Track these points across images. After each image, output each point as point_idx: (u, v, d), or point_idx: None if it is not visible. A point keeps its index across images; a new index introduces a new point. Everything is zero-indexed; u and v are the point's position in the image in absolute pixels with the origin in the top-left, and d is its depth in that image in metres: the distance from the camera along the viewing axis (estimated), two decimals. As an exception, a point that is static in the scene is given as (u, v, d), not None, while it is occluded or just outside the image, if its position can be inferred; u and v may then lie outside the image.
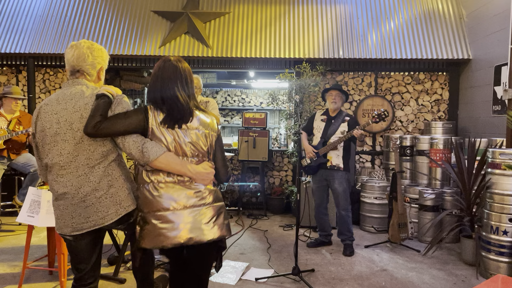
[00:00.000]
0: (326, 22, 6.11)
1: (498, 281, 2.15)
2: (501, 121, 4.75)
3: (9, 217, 5.33)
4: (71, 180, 1.96)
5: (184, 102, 2.00)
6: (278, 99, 6.13)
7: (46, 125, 1.99)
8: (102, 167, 1.97)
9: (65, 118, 1.96)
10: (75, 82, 2.06)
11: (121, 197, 1.99)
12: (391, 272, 3.77)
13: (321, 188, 4.38)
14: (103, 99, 1.95)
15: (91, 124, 1.89)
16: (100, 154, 1.97)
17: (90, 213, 1.96)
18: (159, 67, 2.05)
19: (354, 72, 6.18)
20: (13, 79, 6.27)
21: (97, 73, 2.14)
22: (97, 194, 1.95)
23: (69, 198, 1.96)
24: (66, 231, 1.99)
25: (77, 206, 1.96)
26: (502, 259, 3.50)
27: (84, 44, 2.07)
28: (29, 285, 3.34)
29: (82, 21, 6.16)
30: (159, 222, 1.92)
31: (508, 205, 3.48)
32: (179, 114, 1.98)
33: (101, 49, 2.14)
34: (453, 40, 5.81)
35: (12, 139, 4.89)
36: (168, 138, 1.96)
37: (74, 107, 1.96)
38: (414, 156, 5.40)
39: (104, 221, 1.97)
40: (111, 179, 1.99)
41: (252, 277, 3.56)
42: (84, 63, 2.05)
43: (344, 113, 4.37)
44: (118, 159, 2.04)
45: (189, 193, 1.97)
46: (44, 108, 2.02)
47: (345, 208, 4.26)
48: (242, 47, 5.94)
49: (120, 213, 1.98)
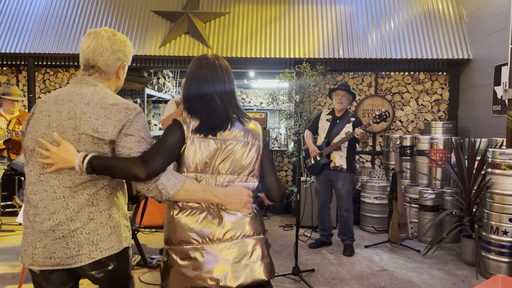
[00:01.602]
0: (326, 22, 6.11)
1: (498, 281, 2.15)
2: (501, 121, 4.75)
3: (9, 217, 5.33)
4: (45, 201, 1.53)
5: (222, 106, 1.66)
6: (278, 99, 6.13)
7: (36, 126, 1.58)
8: (87, 194, 1.54)
9: (56, 124, 1.54)
10: (84, 80, 1.63)
11: (100, 236, 1.54)
12: (391, 272, 3.77)
13: (324, 188, 4.37)
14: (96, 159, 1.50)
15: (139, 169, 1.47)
16: (87, 177, 1.53)
17: (56, 248, 1.52)
18: (196, 66, 1.70)
19: (354, 72, 6.18)
20: (13, 79, 6.28)
21: (117, 71, 1.68)
22: (71, 226, 1.51)
23: (38, 222, 1.53)
24: (25, 261, 1.56)
25: (43, 235, 1.52)
26: (502, 259, 3.50)
27: (105, 33, 1.63)
28: (29, 285, 3.33)
29: (82, 21, 6.16)
30: (181, 259, 1.56)
31: (508, 205, 3.48)
32: (216, 120, 1.64)
33: (124, 42, 1.68)
34: (453, 40, 5.81)
35: (12, 139, 4.89)
36: (204, 152, 1.61)
37: (69, 112, 1.54)
38: (414, 156, 5.40)
39: (71, 261, 1.52)
40: (94, 211, 1.54)
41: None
42: (101, 57, 1.62)
43: (350, 113, 4.33)
44: (111, 188, 1.60)
45: (222, 222, 1.59)
46: (40, 106, 1.61)
47: (347, 209, 4.25)
48: (242, 47, 5.94)
49: (93, 257, 1.53)
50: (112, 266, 1.59)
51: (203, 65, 1.69)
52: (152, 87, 7.47)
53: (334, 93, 4.33)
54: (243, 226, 1.63)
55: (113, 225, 1.58)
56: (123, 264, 1.64)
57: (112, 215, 1.59)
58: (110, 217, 1.58)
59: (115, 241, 1.58)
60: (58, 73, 6.28)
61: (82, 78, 1.64)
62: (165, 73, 8.27)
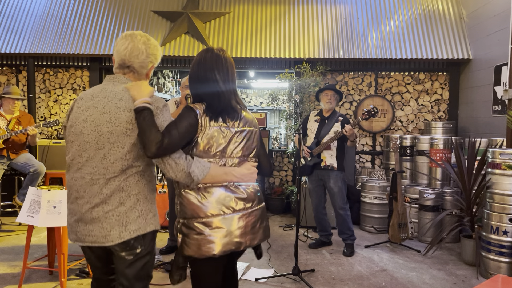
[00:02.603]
0: (326, 22, 6.11)
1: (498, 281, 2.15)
2: (501, 121, 4.75)
3: (9, 217, 5.33)
4: (84, 186, 1.76)
5: (227, 94, 1.90)
6: (278, 99, 6.13)
7: (75, 121, 1.79)
8: (118, 180, 1.74)
9: (92, 118, 1.76)
10: (117, 79, 1.84)
11: (129, 218, 1.75)
12: (391, 272, 3.77)
13: (317, 188, 4.40)
14: (147, 112, 1.71)
15: (153, 143, 1.67)
16: (119, 167, 1.74)
17: (94, 227, 1.75)
18: (202, 57, 1.92)
19: (354, 72, 6.18)
20: (13, 79, 6.27)
21: (147, 72, 1.91)
22: (105, 208, 1.74)
23: (80, 204, 1.77)
24: (71, 237, 1.83)
25: (84, 215, 1.76)
26: (502, 259, 3.49)
27: (141, 38, 1.83)
28: (29, 285, 3.33)
29: (82, 21, 6.16)
30: (209, 229, 1.80)
31: (508, 205, 3.48)
32: (220, 104, 1.88)
33: (156, 46, 1.90)
34: (453, 40, 5.81)
35: (12, 139, 4.89)
36: (221, 139, 1.85)
37: (104, 107, 1.75)
38: (414, 156, 5.40)
39: (104, 240, 1.74)
40: (124, 195, 1.75)
41: (252, 277, 3.56)
42: (137, 59, 1.83)
43: (337, 113, 4.38)
44: (140, 174, 1.80)
45: (237, 196, 1.88)
46: (78, 103, 1.82)
47: (342, 207, 4.26)
48: (242, 47, 5.94)
49: (122, 237, 1.74)
50: (140, 249, 1.79)
51: (209, 55, 1.91)
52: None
53: (322, 93, 4.36)
54: (255, 198, 1.95)
55: (140, 208, 1.78)
56: (149, 249, 1.84)
57: (140, 200, 1.79)
58: (138, 201, 1.78)
59: (142, 223, 1.78)
60: (58, 73, 6.28)
61: (115, 77, 1.85)
62: (165, 73, 8.27)
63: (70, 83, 6.28)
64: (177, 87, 8.68)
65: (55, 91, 6.28)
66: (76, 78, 6.27)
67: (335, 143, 4.22)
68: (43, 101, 6.26)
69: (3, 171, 4.89)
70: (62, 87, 6.29)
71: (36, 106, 6.22)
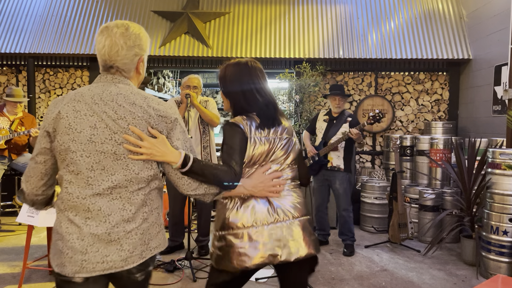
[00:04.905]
0: (326, 22, 6.11)
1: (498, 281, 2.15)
2: (501, 121, 4.75)
3: (9, 217, 5.33)
4: (98, 203, 1.47)
5: (273, 103, 1.90)
6: (278, 99, 6.13)
7: (76, 127, 1.48)
8: (142, 194, 1.51)
9: (105, 124, 1.47)
10: (116, 80, 1.56)
11: (151, 235, 1.55)
12: (391, 272, 3.77)
13: (322, 188, 4.39)
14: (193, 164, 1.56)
15: (229, 179, 1.65)
16: (145, 178, 1.52)
17: (110, 251, 1.46)
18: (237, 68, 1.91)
19: (354, 72, 6.18)
20: (13, 79, 6.27)
21: (136, 67, 1.60)
22: (127, 227, 1.48)
23: (92, 226, 1.46)
24: (69, 270, 1.45)
25: (97, 239, 1.45)
26: (502, 259, 3.49)
27: (117, 30, 1.53)
28: (29, 285, 3.34)
29: (82, 21, 6.16)
30: (239, 241, 1.75)
31: (508, 205, 3.48)
32: (271, 112, 1.87)
33: (139, 34, 1.58)
34: (453, 40, 5.81)
35: (14, 140, 4.89)
36: (261, 148, 1.80)
37: (117, 112, 1.48)
38: (414, 156, 5.40)
39: (124, 264, 1.48)
40: (148, 210, 1.53)
41: (252, 277, 3.56)
42: (118, 57, 1.53)
43: (346, 113, 4.33)
44: (159, 189, 1.60)
45: (269, 207, 1.80)
46: (73, 105, 1.50)
47: (346, 208, 4.26)
48: (242, 47, 5.94)
49: (144, 256, 1.53)
50: (151, 266, 1.60)
51: (243, 67, 1.91)
52: (152, 87, 7.47)
53: (330, 97, 4.34)
54: (285, 211, 1.81)
55: (159, 223, 1.60)
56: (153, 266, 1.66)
57: (160, 214, 1.61)
58: (158, 215, 1.59)
59: (162, 239, 1.61)
60: (58, 73, 6.28)
61: (112, 77, 1.57)
62: (165, 73, 8.27)
63: (70, 83, 6.28)
64: (177, 87, 8.68)
65: (55, 91, 6.28)
66: (76, 78, 6.27)
67: (342, 144, 4.19)
68: (43, 101, 6.26)
69: (4, 171, 4.89)
70: (62, 87, 6.29)
71: (36, 106, 6.22)
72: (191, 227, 4.29)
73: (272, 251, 1.74)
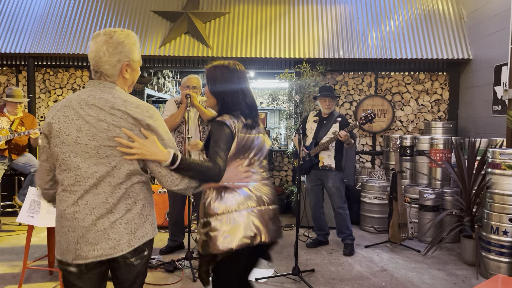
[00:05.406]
0: (326, 22, 6.11)
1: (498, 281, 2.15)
2: (501, 121, 4.75)
3: (9, 217, 5.33)
4: (85, 197, 1.65)
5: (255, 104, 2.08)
6: (278, 99, 6.13)
7: (65, 130, 1.65)
8: (124, 187, 1.66)
9: (88, 126, 1.63)
10: (101, 85, 1.70)
11: (137, 224, 1.69)
12: (391, 272, 3.77)
13: (315, 188, 4.42)
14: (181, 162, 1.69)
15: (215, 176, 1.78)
16: (125, 172, 1.66)
17: (99, 239, 1.64)
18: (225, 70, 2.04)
19: (354, 72, 6.18)
20: (13, 79, 6.27)
21: (120, 71, 1.72)
22: (111, 218, 1.64)
23: (79, 219, 1.64)
24: (68, 257, 1.66)
25: (86, 230, 1.64)
26: (502, 259, 3.50)
27: (103, 37, 1.68)
28: (29, 285, 3.34)
29: (82, 21, 6.16)
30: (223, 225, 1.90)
31: (508, 205, 3.48)
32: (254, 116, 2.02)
33: (122, 42, 1.69)
34: (453, 40, 5.81)
35: (14, 140, 4.88)
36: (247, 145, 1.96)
37: (99, 115, 1.64)
38: (414, 156, 5.40)
39: (113, 251, 1.65)
40: (131, 202, 1.69)
41: (252, 277, 3.56)
42: (101, 62, 1.68)
43: (336, 113, 4.40)
44: (142, 182, 1.73)
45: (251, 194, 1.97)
46: (64, 111, 1.67)
47: (341, 206, 4.28)
48: (242, 47, 5.94)
49: (133, 245, 1.68)
50: (147, 252, 1.76)
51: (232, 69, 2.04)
52: (152, 87, 7.47)
53: (320, 99, 4.37)
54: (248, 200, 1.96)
55: (145, 214, 1.74)
56: (151, 252, 1.80)
57: (145, 205, 1.74)
58: (144, 206, 1.73)
59: (149, 229, 1.75)
60: (58, 73, 6.28)
61: (99, 82, 1.71)
62: (165, 73, 8.27)
63: (70, 83, 6.28)
64: (177, 87, 8.68)
65: (55, 91, 6.28)
66: (76, 78, 6.27)
67: (333, 143, 4.24)
68: (43, 101, 6.26)
69: (4, 171, 4.89)
70: (62, 87, 6.29)
71: (36, 106, 6.22)
72: (191, 227, 4.28)
73: (252, 232, 1.91)
